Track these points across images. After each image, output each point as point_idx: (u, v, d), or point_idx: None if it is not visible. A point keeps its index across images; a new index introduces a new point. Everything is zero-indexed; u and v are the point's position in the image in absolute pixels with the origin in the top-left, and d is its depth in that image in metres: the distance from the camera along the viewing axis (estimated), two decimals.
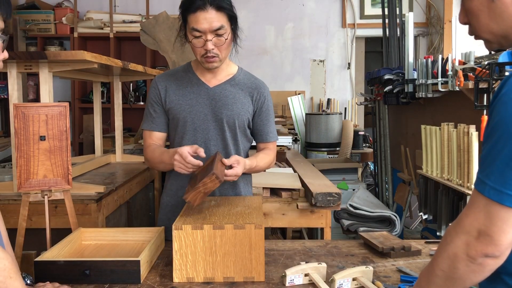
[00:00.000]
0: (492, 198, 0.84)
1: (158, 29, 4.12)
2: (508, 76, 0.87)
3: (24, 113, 1.58)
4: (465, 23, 1.00)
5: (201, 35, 1.62)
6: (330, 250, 1.65)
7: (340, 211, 3.02)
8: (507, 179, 0.83)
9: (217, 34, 1.62)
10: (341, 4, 5.62)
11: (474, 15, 0.95)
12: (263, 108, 1.82)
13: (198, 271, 1.35)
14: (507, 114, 0.83)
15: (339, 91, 5.74)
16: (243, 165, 1.63)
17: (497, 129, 0.85)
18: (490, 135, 0.87)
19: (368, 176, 5.32)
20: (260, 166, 1.79)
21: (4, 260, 0.95)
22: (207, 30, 1.60)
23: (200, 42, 1.64)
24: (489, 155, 0.86)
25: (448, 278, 0.90)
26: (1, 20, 0.99)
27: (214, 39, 1.63)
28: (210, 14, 1.59)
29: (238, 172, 1.60)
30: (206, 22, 1.59)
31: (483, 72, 2.19)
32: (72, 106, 5.28)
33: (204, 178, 1.41)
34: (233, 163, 1.60)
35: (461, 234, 0.87)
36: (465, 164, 2.24)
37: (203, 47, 1.64)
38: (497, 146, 0.84)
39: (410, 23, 3.28)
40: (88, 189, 2.20)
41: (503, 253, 0.85)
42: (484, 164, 0.87)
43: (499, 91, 0.86)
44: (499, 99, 0.86)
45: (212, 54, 1.65)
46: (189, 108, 1.74)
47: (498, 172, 0.84)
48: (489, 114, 0.89)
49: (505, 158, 0.83)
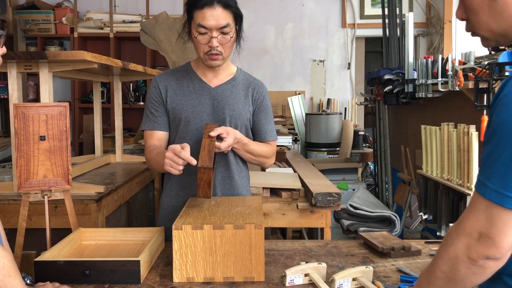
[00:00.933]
0: (493, 200, 0.84)
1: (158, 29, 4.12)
2: (509, 78, 0.86)
3: (24, 113, 1.58)
4: (462, 19, 0.99)
5: (207, 32, 1.63)
6: (330, 250, 1.65)
7: (340, 211, 3.02)
8: (508, 181, 0.83)
9: (223, 32, 1.63)
10: (341, 4, 5.62)
11: (474, 12, 0.95)
12: (261, 107, 1.82)
13: (198, 271, 1.35)
14: (507, 116, 0.83)
15: (339, 91, 5.74)
16: (233, 134, 1.64)
17: (497, 131, 0.85)
18: (490, 137, 0.86)
19: (368, 176, 5.33)
20: (253, 147, 1.76)
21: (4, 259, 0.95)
22: (213, 27, 1.61)
23: (205, 38, 1.64)
24: (490, 157, 0.86)
25: (449, 280, 0.90)
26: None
27: (220, 37, 1.64)
28: (217, 11, 1.61)
29: (230, 142, 1.62)
30: (213, 19, 1.61)
31: (483, 72, 2.19)
32: (72, 106, 5.28)
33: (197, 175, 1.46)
34: (221, 133, 1.60)
35: (462, 236, 0.87)
36: (465, 164, 2.24)
37: (208, 44, 1.64)
38: (498, 148, 0.84)
39: (410, 23, 3.28)
40: (88, 189, 2.20)
41: (504, 255, 0.85)
42: (485, 166, 0.87)
43: (500, 93, 0.86)
44: (499, 101, 0.85)
45: (216, 52, 1.65)
46: (192, 108, 1.74)
47: (499, 174, 0.83)
48: (490, 115, 0.89)
49: (506, 160, 0.83)
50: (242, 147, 1.73)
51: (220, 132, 1.60)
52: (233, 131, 1.66)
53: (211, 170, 1.45)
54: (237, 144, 1.70)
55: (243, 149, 1.75)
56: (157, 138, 1.77)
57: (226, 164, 1.79)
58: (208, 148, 1.53)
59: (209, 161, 1.46)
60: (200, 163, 1.46)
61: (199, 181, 1.46)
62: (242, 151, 1.75)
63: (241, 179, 1.84)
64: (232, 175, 1.81)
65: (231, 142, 1.63)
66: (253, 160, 1.82)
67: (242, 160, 1.84)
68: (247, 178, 1.91)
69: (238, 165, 1.83)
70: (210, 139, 1.57)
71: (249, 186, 1.92)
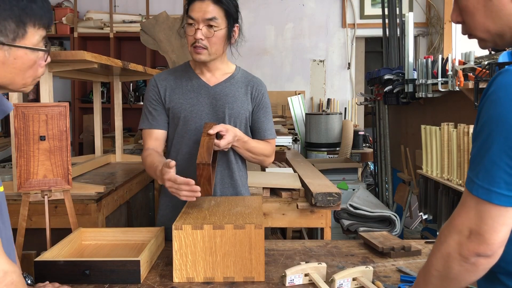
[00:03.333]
0: (481, 197, 0.84)
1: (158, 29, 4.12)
2: (497, 74, 0.86)
3: (24, 113, 1.58)
4: (458, 22, 0.98)
5: (193, 23, 1.65)
6: (330, 250, 1.65)
7: (340, 211, 3.02)
8: (495, 177, 0.83)
9: (209, 25, 1.65)
10: (341, 4, 5.63)
11: (470, 13, 0.94)
12: (260, 105, 1.82)
13: (198, 271, 1.35)
14: (495, 113, 0.83)
15: (339, 91, 5.74)
16: (232, 132, 1.64)
17: (485, 127, 0.85)
18: (479, 134, 0.86)
19: (368, 176, 5.33)
20: (253, 145, 1.76)
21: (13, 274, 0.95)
22: (200, 19, 1.64)
23: (191, 30, 1.67)
24: (477, 154, 0.86)
25: (443, 278, 0.90)
26: (43, 30, 1.02)
27: (204, 29, 1.65)
28: (205, 4, 1.65)
29: (229, 140, 1.62)
30: (200, 11, 1.64)
31: (483, 72, 2.19)
32: (72, 106, 5.28)
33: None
34: (221, 130, 1.60)
35: (454, 234, 0.87)
36: (465, 164, 2.24)
37: (193, 36, 1.66)
38: (485, 145, 0.84)
39: (410, 23, 3.28)
40: (88, 189, 2.20)
41: (495, 252, 0.85)
42: (474, 163, 0.87)
43: (488, 90, 0.86)
44: (487, 98, 0.85)
45: (200, 45, 1.66)
46: (191, 107, 1.74)
47: (486, 170, 0.84)
48: (478, 112, 0.88)
49: (492, 157, 0.83)
50: (242, 145, 1.72)
51: (219, 129, 1.60)
52: (233, 129, 1.66)
53: (210, 166, 1.45)
54: (237, 142, 1.70)
55: (243, 147, 1.74)
56: (155, 137, 1.77)
57: (226, 163, 1.79)
58: (207, 145, 1.53)
59: (207, 158, 1.46)
60: (199, 159, 1.46)
61: (198, 178, 1.46)
62: (242, 149, 1.74)
63: (240, 178, 1.84)
64: (232, 174, 1.81)
65: (231, 139, 1.63)
66: (252, 159, 1.82)
67: (242, 159, 1.84)
68: (246, 177, 1.91)
69: (238, 164, 1.83)
70: (209, 137, 1.57)
71: (247, 185, 1.93)
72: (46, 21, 1.02)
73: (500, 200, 0.82)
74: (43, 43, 1.03)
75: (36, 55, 1.02)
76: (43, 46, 1.03)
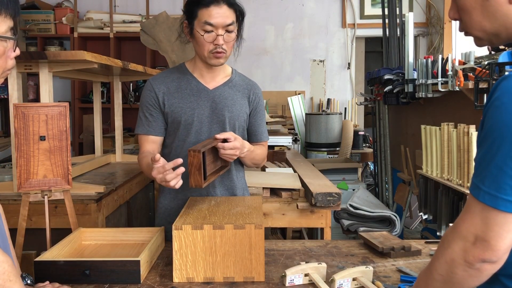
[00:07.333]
0: (487, 203, 0.83)
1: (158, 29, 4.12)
2: (501, 79, 0.86)
3: (24, 113, 1.58)
4: (455, 19, 0.99)
5: (213, 30, 1.63)
6: (330, 250, 1.65)
7: (340, 211, 3.02)
8: (501, 184, 0.82)
9: (228, 30, 1.64)
10: (341, 4, 5.62)
11: (467, 12, 0.95)
12: (257, 109, 1.84)
13: (198, 271, 1.35)
14: (500, 119, 0.83)
15: (339, 91, 5.74)
16: (240, 140, 1.63)
17: (490, 133, 0.84)
18: (484, 140, 0.86)
19: (368, 176, 5.33)
20: (256, 152, 1.78)
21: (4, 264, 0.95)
22: (220, 25, 1.62)
23: (211, 36, 1.64)
24: (483, 160, 0.85)
25: (446, 282, 0.91)
26: (10, 19, 1.00)
27: (225, 35, 1.64)
28: (223, 9, 1.62)
29: (236, 145, 1.60)
30: (220, 17, 1.62)
31: (483, 72, 2.19)
32: (72, 106, 5.28)
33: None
34: (228, 137, 1.59)
35: (458, 240, 0.87)
36: (465, 164, 2.24)
37: (214, 42, 1.64)
38: (491, 151, 0.84)
39: (410, 23, 3.28)
40: (88, 189, 2.20)
41: (500, 258, 0.85)
42: (479, 169, 0.87)
43: (492, 95, 0.86)
44: (492, 103, 0.85)
45: (221, 50, 1.65)
46: (191, 111, 1.73)
47: (492, 177, 0.83)
48: (483, 118, 0.88)
49: (498, 163, 0.82)
50: (249, 155, 1.74)
51: (227, 136, 1.60)
52: (242, 140, 1.66)
53: (200, 154, 1.44)
54: (246, 153, 1.70)
55: (249, 157, 1.76)
56: (151, 142, 1.77)
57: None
58: (206, 142, 1.55)
59: (200, 147, 1.47)
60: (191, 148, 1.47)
61: (189, 166, 1.45)
62: (247, 159, 1.77)
63: (239, 180, 1.85)
64: (231, 176, 1.81)
65: (237, 145, 1.61)
66: (253, 164, 1.86)
67: (240, 162, 1.86)
68: (245, 178, 1.93)
69: (237, 166, 1.85)
70: (214, 139, 1.58)
71: (247, 186, 1.93)
72: (13, 11, 1.00)
73: (507, 206, 0.82)
74: (11, 34, 1.01)
75: (4, 45, 1.00)
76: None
